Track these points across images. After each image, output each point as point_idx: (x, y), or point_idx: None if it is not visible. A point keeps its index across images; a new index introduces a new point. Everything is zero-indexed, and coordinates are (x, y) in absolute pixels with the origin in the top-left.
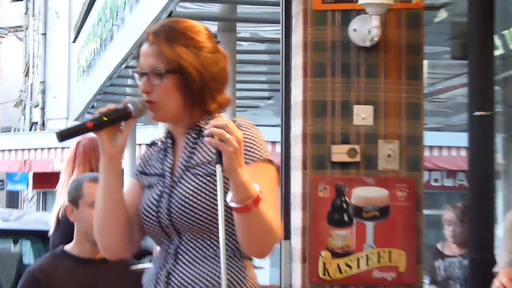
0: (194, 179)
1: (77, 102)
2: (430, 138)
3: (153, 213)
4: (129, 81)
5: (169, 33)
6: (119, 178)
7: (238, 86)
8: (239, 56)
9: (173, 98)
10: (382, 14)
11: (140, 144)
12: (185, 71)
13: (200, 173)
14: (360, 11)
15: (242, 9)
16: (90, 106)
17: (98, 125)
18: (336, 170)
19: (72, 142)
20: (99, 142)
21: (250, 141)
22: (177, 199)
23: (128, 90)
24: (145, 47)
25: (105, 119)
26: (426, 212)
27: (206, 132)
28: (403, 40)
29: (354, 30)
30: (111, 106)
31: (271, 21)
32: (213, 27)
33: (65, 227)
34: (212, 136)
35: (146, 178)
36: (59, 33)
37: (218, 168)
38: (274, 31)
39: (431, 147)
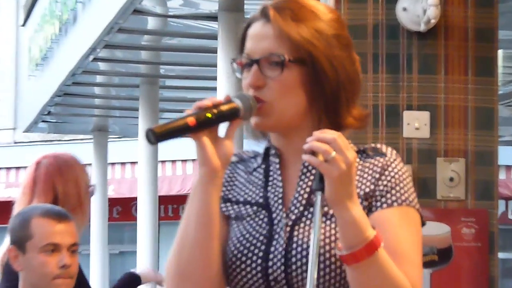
0: (326, 221)
1: (28, 107)
2: (506, 155)
3: (257, 260)
4: (99, 79)
5: (297, 10)
6: (219, 201)
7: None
8: None
9: (295, 99)
10: None
11: (113, 163)
12: (317, 63)
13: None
14: None
15: None
16: (46, 113)
17: (201, 123)
18: None
19: (31, 162)
20: (198, 149)
21: (394, 177)
22: (303, 247)
23: (97, 90)
24: (258, 27)
25: (209, 115)
26: (501, 255)
27: (305, 146)
28: (470, 22)
29: (404, 9)
30: (214, 99)
31: None
32: (213, 5)
33: (9, 278)
34: (313, 153)
35: (232, 207)
36: (2, 13)
37: (318, 196)
38: None
39: (508, 168)
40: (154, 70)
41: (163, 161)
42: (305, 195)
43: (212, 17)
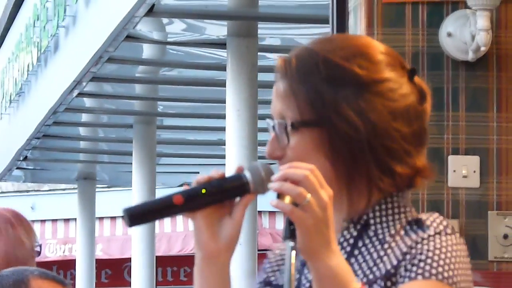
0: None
1: (0, 151)
2: None
3: None
4: (85, 117)
5: (303, 61)
6: None
7: (261, 112)
8: (262, 76)
9: (316, 166)
10: (494, 9)
11: (101, 218)
12: (327, 122)
13: None
14: (458, 5)
15: (266, 2)
16: (21, 158)
17: (191, 201)
18: None
19: None
20: (194, 230)
21: (429, 249)
22: None
23: (83, 131)
24: (275, 85)
25: (204, 192)
26: None
27: (271, 185)
28: None
29: (449, 34)
30: (216, 172)
31: (314, 19)
32: (221, 29)
33: None
34: (279, 196)
35: None
36: None
37: (288, 246)
38: (317, 35)
39: None
40: (151, 107)
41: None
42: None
43: (220, 44)
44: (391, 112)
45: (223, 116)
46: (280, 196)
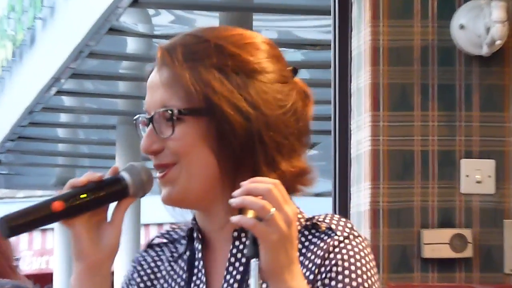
0: None
1: None
2: None
3: None
4: (64, 117)
5: (191, 47)
6: None
7: None
8: None
9: (199, 160)
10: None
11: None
12: (217, 111)
13: None
14: None
15: None
16: None
17: (70, 207)
18: (431, 274)
19: None
20: (72, 239)
21: (343, 259)
22: None
23: (62, 132)
24: (152, 74)
25: (84, 197)
26: None
27: (232, 201)
28: None
29: (461, 27)
30: (92, 175)
31: (314, 11)
32: (212, 21)
33: None
34: (241, 211)
35: None
36: None
37: (254, 264)
38: (317, 28)
39: None
40: (136, 106)
41: (146, 225)
42: (235, 285)
43: None
44: (281, 106)
45: None
46: (242, 211)
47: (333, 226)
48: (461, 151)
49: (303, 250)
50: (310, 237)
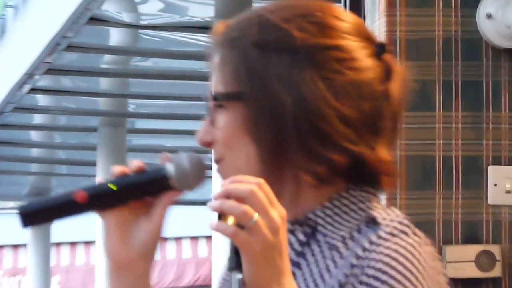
0: None
1: None
2: None
3: None
4: (38, 118)
5: (242, 22)
6: None
7: None
8: None
9: (242, 151)
10: None
11: (58, 244)
12: (253, 95)
13: None
14: None
15: None
16: None
17: (97, 200)
18: None
19: None
20: (103, 232)
21: (382, 261)
22: None
23: (36, 135)
24: (211, 60)
25: (114, 188)
26: None
27: (210, 205)
28: None
29: (489, 16)
30: (135, 163)
31: None
32: (207, 9)
33: None
34: (220, 217)
35: None
36: None
37: (235, 279)
38: None
39: None
40: (120, 105)
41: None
42: None
43: (205, 28)
44: (332, 87)
45: None
46: (221, 217)
47: (385, 223)
48: (488, 157)
49: (350, 242)
50: (355, 233)
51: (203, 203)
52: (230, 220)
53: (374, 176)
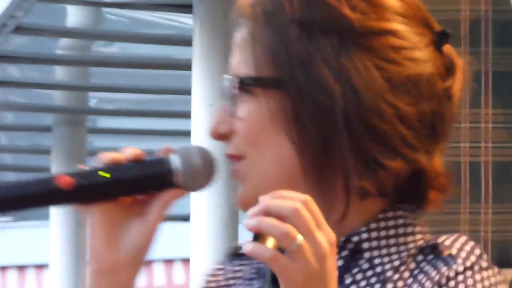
0: None
1: None
2: None
3: None
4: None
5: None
6: None
7: None
8: None
9: (274, 151)
10: None
11: (4, 268)
12: (292, 83)
13: None
14: None
15: None
16: None
17: (86, 189)
18: None
19: None
20: (88, 231)
21: None
22: None
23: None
24: (236, 33)
25: (107, 175)
26: None
27: (246, 223)
28: None
29: None
30: (133, 151)
31: None
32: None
33: None
34: (257, 237)
35: None
36: None
37: None
38: None
39: None
40: (79, 100)
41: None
42: None
43: (184, 7)
44: (389, 79)
45: (187, 115)
46: (258, 237)
47: (454, 251)
48: None
49: (409, 280)
50: (423, 264)
51: (180, 218)
52: (270, 243)
53: (423, 191)
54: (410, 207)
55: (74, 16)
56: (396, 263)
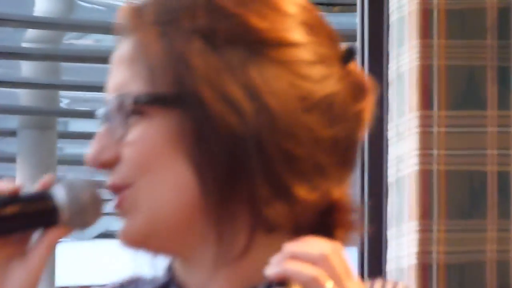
0: None
1: None
2: None
3: None
4: None
5: (176, 2)
6: None
7: None
8: None
9: (170, 178)
10: None
11: None
12: (194, 100)
13: None
14: None
15: None
16: None
17: None
18: None
19: None
20: None
21: None
22: None
23: None
24: (117, 47)
25: None
26: None
27: (269, 271)
28: None
29: None
30: (7, 182)
31: None
32: None
33: None
34: (283, 284)
35: None
36: None
37: None
38: None
39: None
40: (49, 100)
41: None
42: None
43: None
44: (303, 98)
45: None
46: (284, 284)
47: None
48: None
49: None
50: None
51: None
52: None
53: (330, 227)
54: None
55: (42, 3)
56: None
